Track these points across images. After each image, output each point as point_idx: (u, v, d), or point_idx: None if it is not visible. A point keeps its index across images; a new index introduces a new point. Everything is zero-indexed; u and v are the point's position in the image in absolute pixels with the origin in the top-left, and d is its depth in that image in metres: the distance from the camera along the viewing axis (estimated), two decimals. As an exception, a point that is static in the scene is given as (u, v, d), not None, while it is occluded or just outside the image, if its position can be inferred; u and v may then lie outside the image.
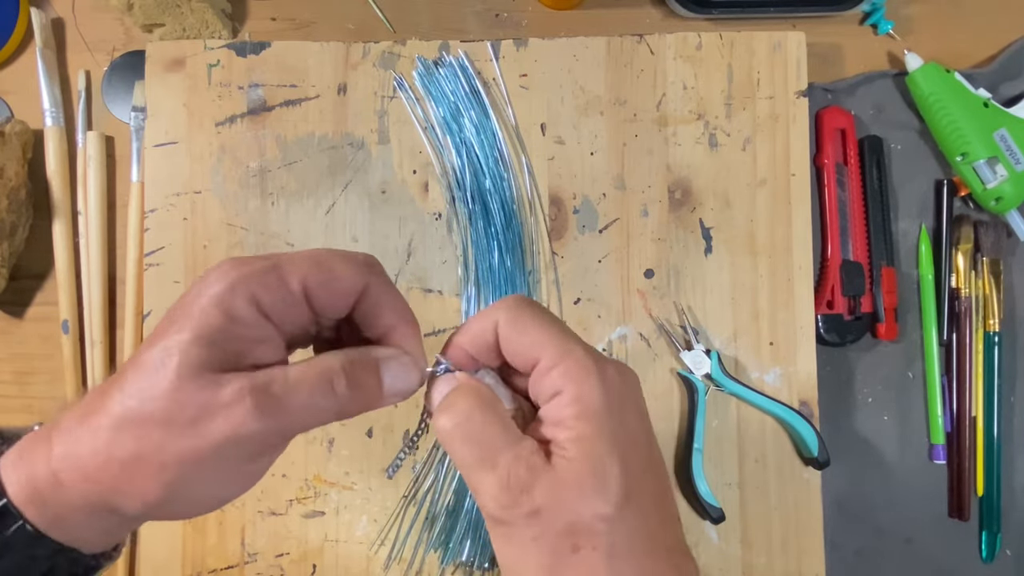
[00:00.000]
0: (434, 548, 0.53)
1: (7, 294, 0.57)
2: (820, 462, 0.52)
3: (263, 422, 0.27)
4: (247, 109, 0.57)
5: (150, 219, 0.56)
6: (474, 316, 0.32)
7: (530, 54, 0.57)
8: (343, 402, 0.29)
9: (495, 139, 0.56)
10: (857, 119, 0.58)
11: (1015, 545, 0.56)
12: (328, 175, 0.56)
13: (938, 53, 0.58)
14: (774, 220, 0.55)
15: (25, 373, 0.59)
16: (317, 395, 0.28)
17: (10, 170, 0.55)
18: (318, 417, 0.29)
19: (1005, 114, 0.56)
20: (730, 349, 0.54)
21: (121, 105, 0.60)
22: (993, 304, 0.56)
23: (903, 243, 0.58)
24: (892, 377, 0.57)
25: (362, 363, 0.30)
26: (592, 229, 0.56)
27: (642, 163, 0.56)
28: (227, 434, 0.26)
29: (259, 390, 0.27)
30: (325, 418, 0.29)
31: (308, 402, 0.28)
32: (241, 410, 0.26)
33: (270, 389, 0.27)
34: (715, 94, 0.56)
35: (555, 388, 0.29)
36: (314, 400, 0.28)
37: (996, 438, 0.55)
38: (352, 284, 0.30)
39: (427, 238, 0.56)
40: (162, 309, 0.56)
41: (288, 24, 0.61)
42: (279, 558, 0.54)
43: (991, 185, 0.55)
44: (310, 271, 0.29)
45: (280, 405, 0.27)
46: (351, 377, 0.29)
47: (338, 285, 0.29)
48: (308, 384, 0.28)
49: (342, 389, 0.28)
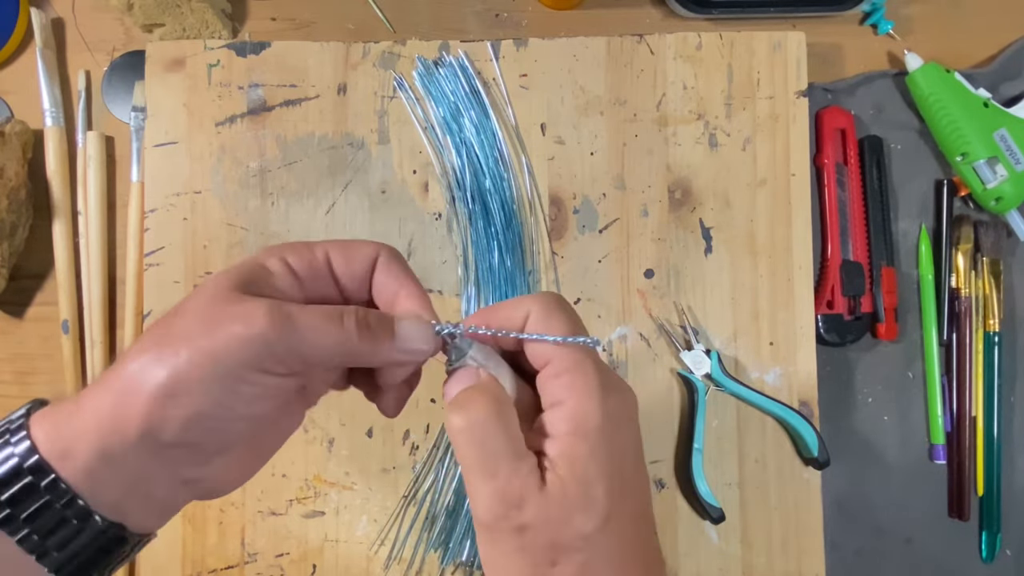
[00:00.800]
0: (434, 548, 0.53)
1: (7, 294, 0.57)
2: (820, 462, 0.52)
3: (275, 330, 0.29)
4: (247, 109, 0.57)
5: (150, 219, 0.56)
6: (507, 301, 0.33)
7: (530, 54, 0.57)
8: (351, 337, 0.30)
9: (495, 139, 0.56)
10: (857, 119, 0.58)
11: (1015, 545, 0.56)
12: (328, 175, 0.56)
13: (938, 53, 0.58)
14: (774, 220, 0.55)
15: (25, 373, 0.59)
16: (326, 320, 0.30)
17: (10, 170, 0.55)
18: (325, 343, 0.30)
19: (1005, 114, 0.56)
20: (730, 349, 0.54)
21: (121, 105, 0.60)
22: (993, 304, 0.56)
23: (903, 243, 0.58)
24: (892, 377, 0.57)
25: (377, 314, 0.32)
26: (592, 229, 0.56)
27: (642, 163, 0.56)
28: (240, 335, 0.28)
29: (275, 305, 0.29)
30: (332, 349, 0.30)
31: (317, 324, 0.30)
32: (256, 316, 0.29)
33: (284, 307, 0.29)
34: (715, 94, 0.56)
35: (557, 397, 0.30)
36: (322, 324, 0.30)
37: (996, 438, 0.55)
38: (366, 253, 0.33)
39: (427, 238, 0.56)
40: (162, 309, 0.55)
41: (288, 24, 0.61)
42: (279, 558, 0.54)
43: (991, 185, 0.55)
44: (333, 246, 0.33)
45: (291, 320, 0.29)
46: (362, 318, 0.31)
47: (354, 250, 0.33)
48: (320, 311, 0.30)
49: (350, 324, 0.30)
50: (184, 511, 0.53)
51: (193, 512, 0.54)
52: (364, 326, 0.31)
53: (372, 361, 0.32)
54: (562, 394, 0.30)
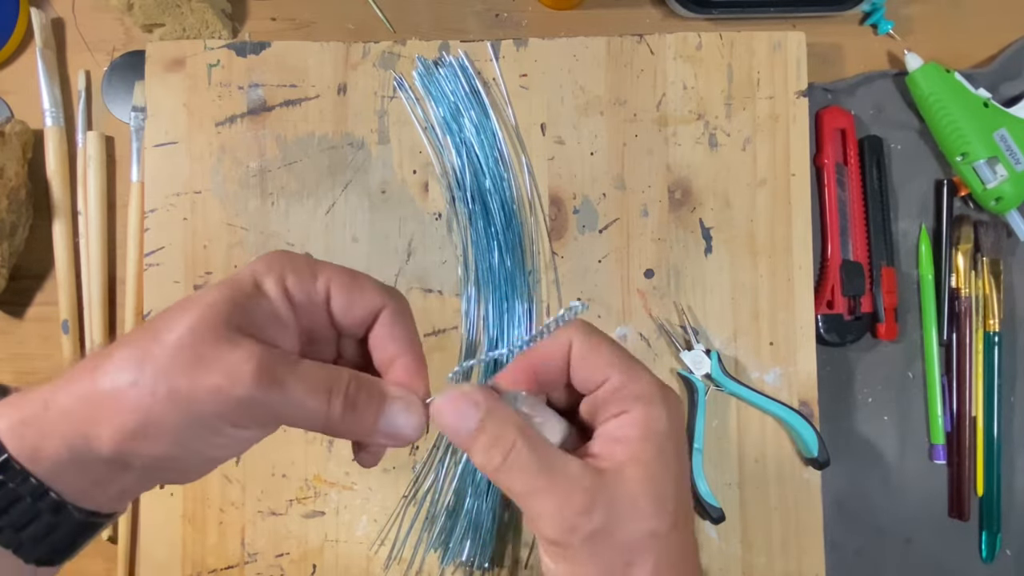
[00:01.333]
0: (434, 548, 0.53)
1: (7, 294, 0.57)
2: (820, 462, 0.52)
3: (257, 392, 0.27)
4: (247, 109, 0.57)
5: (150, 219, 0.56)
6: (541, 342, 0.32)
7: (530, 54, 0.57)
8: (334, 417, 0.29)
9: (495, 139, 0.56)
10: (857, 119, 0.58)
11: (1015, 545, 0.56)
12: (328, 175, 0.56)
13: (938, 53, 0.58)
14: (774, 220, 0.55)
15: (25, 373, 0.59)
16: (311, 397, 0.29)
17: (10, 170, 0.55)
18: (306, 417, 0.29)
19: (1005, 114, 0.56)
20: (730, 349, 0.54)
21: (121, 105, 0.60)
22: (993, 304, 0.56)
23: (903, 243, 0.58)
24: (892, 377, 0.57)
25: (368, 389, 0.30)
26: (592, 229, 0.56)
27: (642, 163, 0.56)
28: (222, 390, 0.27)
29: (266, 362, 0.28)
30: (313, 422, 0.30)
31: (302, 399, 0.29)
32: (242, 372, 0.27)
33: (275, 367, 0.28)
34: (715, 94, 0.56)
35: (622, 407, 0.31)
36: (308, 400, 0.29)
37: (996, 438, 0.55)
38: (371, 300, 0.32)
39: (427, 238, 0.56)
40: (162, 309, 0.56)
41: (288, 24, 0.61)
42: (279, 558, 0.54)
43: (991, 185, 0.55)
44: (338, 276, 0.31)
45: (278, 386, 0.28)
46: (350, 398, 0.30)
47: (359, 295, 0.31)
48: (311, 382, 0.29)
49: (336, 404, 0.29)
50: (184, 511, 0.54)
51: (193, 512, 0.54)
52: (351, 407, 0.30)
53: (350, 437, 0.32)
54: (626, 404, 0.31)
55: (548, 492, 0.29)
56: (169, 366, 0.27)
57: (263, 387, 0.27)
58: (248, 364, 0.27)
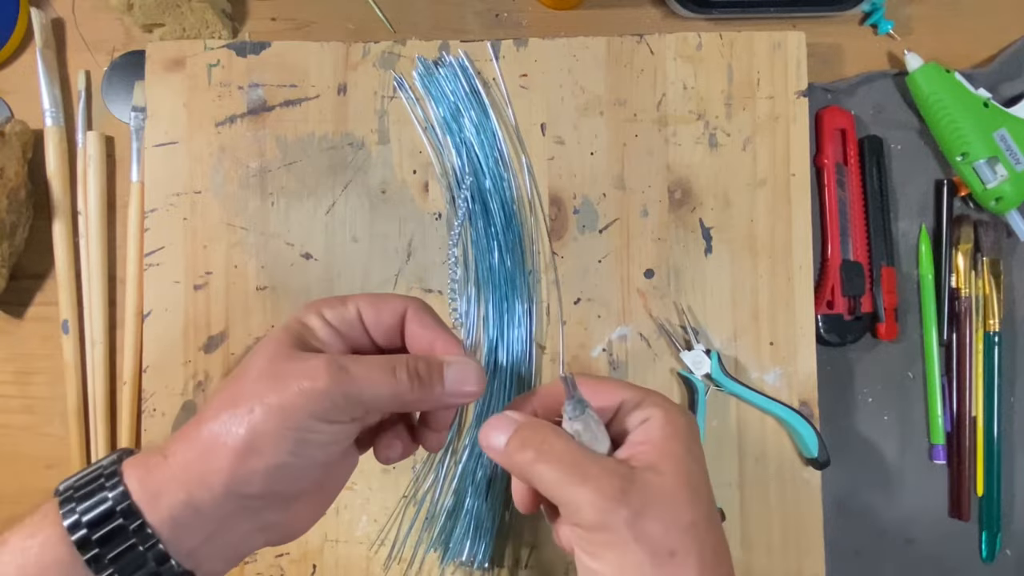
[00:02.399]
0: (434, 548, 0.53)
1: (7, 294, 0.57)
2: (820, 462, 0.52)
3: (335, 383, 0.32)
4: (247, 109, 0.57)
5: (150, 219, 0.56)
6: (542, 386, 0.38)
7: (530, 54, 0.57)
8: (403, 387, 0.34)
9: (495, 139, 0.56)
10: (857, 119, 0.58)
11: (1015, 545, 0.56)
12: (328, 175, 0.56)
13: (938, 53, 0.58)
14: (774, 220, 0.55)
15: (25, 373, 0.59)
16: (379, 372, 0.33)
17: (10, 170, 0.55)
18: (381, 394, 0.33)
19: (1005, 114, 0.56)
20: (730, 349, 0.54)
21: (121, 105, 0.60)
22: (993, 304, 0.56)
23: (903, 243, 0.58)
24: (892, 377, 0.57)
25: (426, 360, 0.35)
26: (592, 229, 0.56)
27: (642, 163, 0.56)
28: (306, 390, 0.31)
29: (332, 360, 0.33)
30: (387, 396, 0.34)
31: (372, 375, 0.33)
32: (318, 369, 0.32)
33: (340, 360, 0.33)
34: (715, 94, 0.56)
35: (645, 416, 0.34)
36: (377, 375, 0.33)
37: (996, 438, 0.55)
38: (394, 305, 0.37)
39: (427, 238, 0.56)
40: (162, 309, 0.56)
41: (288, 24, 0.61)
42: (279, 558, 0.54)
43: (991, 185, 0.55)
44: (363, 297, 0.37)
45: (348, 373, 0.33)
46: (411, 367, 0.34)
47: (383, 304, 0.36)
48: (374, 363, 0.34)
49: (403, 376, 0.34)
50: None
51: (193, 512, 0.54)
52: (415, 376, 0.34)
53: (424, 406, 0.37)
54: (649, 412, 0.34)
55: (583, 478, 0.31)
56: (260, 391, 0.32)
57: (337, 377, 0.32)
58: (320, 363, 0.32)
